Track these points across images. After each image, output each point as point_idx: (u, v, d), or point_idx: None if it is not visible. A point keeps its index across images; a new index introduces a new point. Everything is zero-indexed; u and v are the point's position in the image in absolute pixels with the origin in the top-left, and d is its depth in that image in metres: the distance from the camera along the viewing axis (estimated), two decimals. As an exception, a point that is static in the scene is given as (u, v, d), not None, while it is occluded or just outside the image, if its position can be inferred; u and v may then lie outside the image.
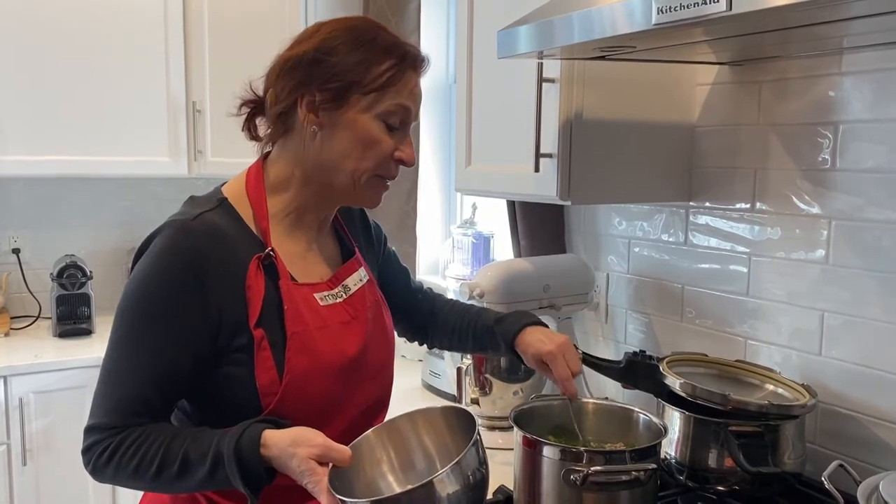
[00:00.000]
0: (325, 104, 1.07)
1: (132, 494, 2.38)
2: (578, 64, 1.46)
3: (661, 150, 1.62)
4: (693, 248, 1.69)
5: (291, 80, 1.07)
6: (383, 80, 1.07)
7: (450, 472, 0.94)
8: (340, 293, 1.17)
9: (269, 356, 1.04)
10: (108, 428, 1.00)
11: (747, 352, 1.57)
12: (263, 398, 1.04)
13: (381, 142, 1.09)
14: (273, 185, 1.13)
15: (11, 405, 2.29)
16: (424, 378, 2.11)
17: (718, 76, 1.60)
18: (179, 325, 1.01)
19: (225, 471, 0.96)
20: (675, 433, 1.32)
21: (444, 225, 3.05)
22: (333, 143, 1.09)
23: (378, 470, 1.08)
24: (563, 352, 1.26)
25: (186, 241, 1.02)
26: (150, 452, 0.99)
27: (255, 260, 1.06)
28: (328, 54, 1.06)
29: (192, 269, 1.01)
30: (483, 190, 1.78)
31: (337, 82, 1.06)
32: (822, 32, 1.15)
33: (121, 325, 1.03)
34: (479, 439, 1.00)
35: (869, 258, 1.35)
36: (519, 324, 1.32)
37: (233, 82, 1.17)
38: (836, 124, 1.38)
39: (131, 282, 1.03)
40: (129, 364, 1.01)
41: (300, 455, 0.94)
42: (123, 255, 2.98)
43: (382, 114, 1.08)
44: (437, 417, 1.12)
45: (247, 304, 1.04)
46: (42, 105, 2.52)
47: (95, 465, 1.01)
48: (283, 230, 1.13)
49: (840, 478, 1.15)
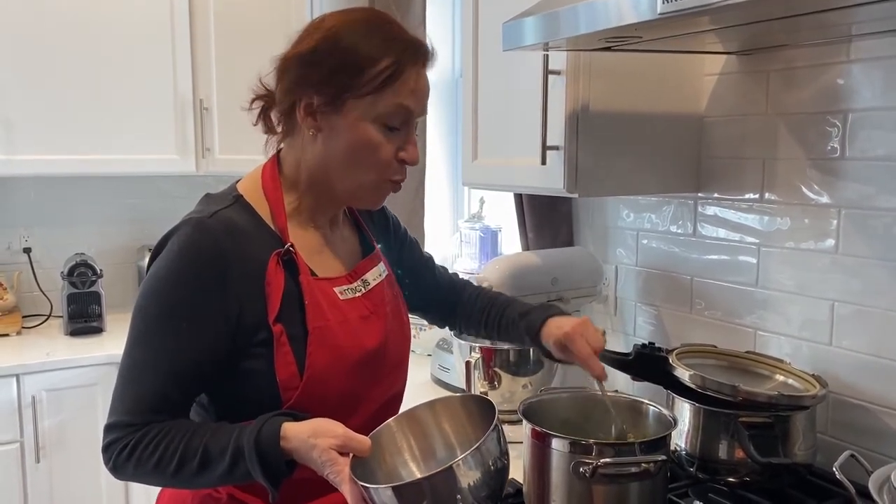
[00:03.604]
0: (322, 108, 1.05)
1: (145, 491, 2.40)
2: (584, 56, 1.45)
3: (668, 141, 1.61)
4: (702, 240, 1.68)
5: (289, 81, 1.06)
6: (379, 82, 1.04)
7: (470, 457, 0.94)
8: (360, 287, 1.17)
9: (289, 351, 1.04)
10: (128, 425, 1.01)
11: (757, 343, 1.56)
12: (284, 393, 1.04)
13: (380, 147, 1.07)
14: (287, 182, 1.13)
15: (24, 403, 2.31)
16: (434, 372, 2.12)
17: (726, 66, 1.58)
18: (199, 323, 1.01)
19: (245, 465, 0.96)
20: (684, 425, 1.32)
21: (452, 219, 3.05)
22: (333, 148, 1.07)
23: (399, 458, 1.08)
24: (581, 330, 1.24)
25: (204, 239, 1.02)
26: (170, 448, 0.99)
27: (275, 256, 1.05)
28: (324, 55, 1.04)
29: (210, 267, 1.01)
30: (490, 184, 1.78)
31: (332, 86, 1.04)
32: (830, 19, 1.14)
33: (139, 323, 1.03)
34: (500, 426, 1.00)
35: (879, 247, 1.34)
36: (541, 318, 1.31)
37: (240, 79, 1.17)
38: (845, 113, 1.37)
39: (148, 280, 1.03)
40: (148, 362, 1.02)
41: (321, 446, 0.95)
42: (133, 252, 2.99)
43: (381, 116, 1.05)
44: (456, 406, 1.12)
45: (266, 300, 1.04)
46: (51, 105, 2.53)
47: (116, 462, 1.01)
48: (300, 225, 1.13)
49: (851, 468, 1.14)
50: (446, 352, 2.04)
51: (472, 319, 1.43)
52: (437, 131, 2.95)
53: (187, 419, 1.06)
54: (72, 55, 2.55)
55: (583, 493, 1.12)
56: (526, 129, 1.55)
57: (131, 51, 2.63)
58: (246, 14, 2.78)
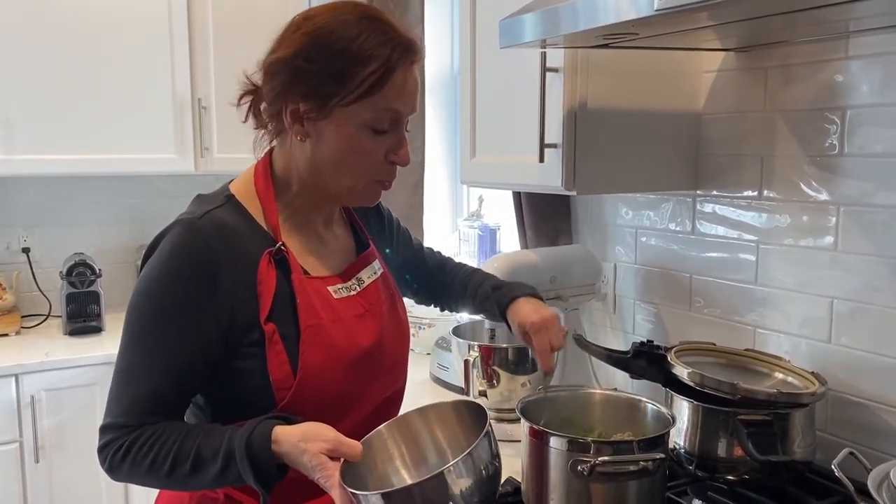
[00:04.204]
0: (309, 114, 1.04)
1: (144, 490, 2.40)
2: (582, 53, 1.45)
3: (666, 138, 1.61)
4: (701, 237, 1.68)
5: (275, 86, 1.04)
6: (366, 88, 1.01)
7: (461, 463, 0.93)
8: (354, 286, 1.17)
9: (282, 350, 1.04)
10: (123, 427, 1.01)
11: (756, 340, 1.56)
12: (277, 392, 1.04)
13: (370, 151, 1.06)
14: (279, 182, 1.12)
15: (23, 403, 2.31)
16: (433, 371, 2.11)
17: (724, 63, 1.58)
18: (191, 324, 1.01)
19: (237, 468, 0.96)
20: (683, 423, 1.32)
21: (451, 218, 3.05)
22: (322, 152, 1.07)
23: (390, 465, 1.08)
24: (547, 325, 1.27)
25: (195, 240, 1.02)
26: (163, 451, 0.99)
27: (266, 255, 1.05)
28: (307, 61, 1.01)
29: (202, 268, 1.01)
30: (488, 181, 1.77)
31: (318, 94, 1.02)
32: (828, 15, 1.13)
33: (132, 324, 1.03)
34: (491, 432, 1.00)
35: (878, 244, 1.34)
36: (513, 293, 1.34)
37: (238, 78, 1.16)
38: (843, 109, 1.37)
39: (141, 281, 1.03)
40: (141, 363, 1.01)
41: (311, 450, 0.94)
42: (132, 252, 2.99)
43: (369, 121, 1.04)
44: (448, 412, 1.11)
45: (258, 300, 1.04)
46: (49, 104, 2.53)
47: (111, 463, 1.01)
48: (293, 224, 1.13)
49: (850, 466, 1.14)
50: (445, 350, 2.03)
51: (453, 295, 1.47)
52: (436, 130, 2.95)
53: (182, 420, 1.06)
54: (70, 55, 2.55)
55: (581, 492, 1.12)
56: (524, 126, 1.55)
57: (130, 51, 2.63)
58: (244, 13, 2.77)
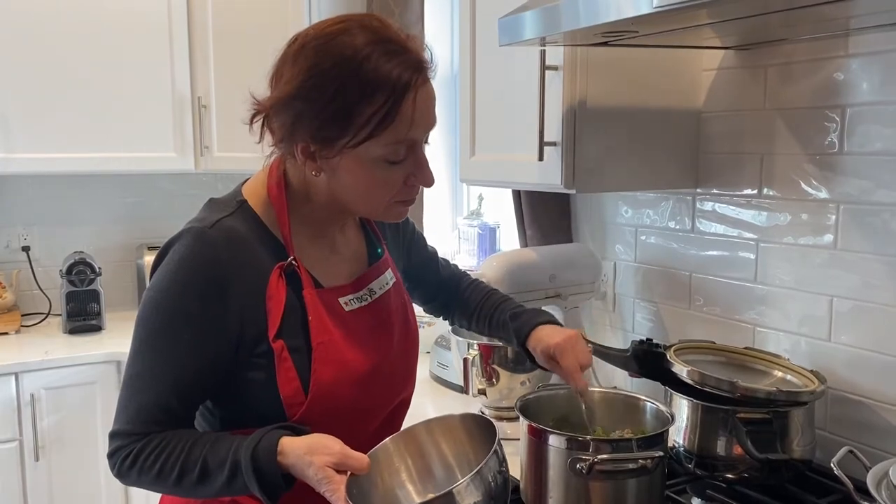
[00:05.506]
0: (320, 152, 1.00)
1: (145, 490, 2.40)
2: (581, 51, 1.45)
3: (666, 136, 1.61)
4: (700, 236, 1.68)
5: (282, 125, 1.00)
6: (373, 126, 0.96)
7: (470, 481, 0.92)
8: (366, 296, 1.15)
9: (291, 367, 1.02)
10: (131, 434, 1.00)
11: (756, 339, 1.56)
12: (288, 409, 1.03)
13: (387, 182, 1.03)
14: (294, 193, 1.09)
15: (23, 401, 2.31)
16: (432, 370, 2.11)
17: (724, 61, 1.58)
18: (198, 337, 1.00)
19: (243, 478, 0.95)
20: (682, 421, 1.32)
21: (451, 216, 3.05)
22: (338, 184, 1.04)
23: (396, 479, 1.07)
24: (571, 344, 1.22)
25: (205, 251, 1.00)
26: (170, 459, 0.99)
27: (277, 269, 1.03)
28: (307, 102, 0.96)
29: (211, 280, 1.00)
30: (488, 180, 1.77)
31: (324, 137, 0.98)
32: (827, 13, 1.13)
33: (141, 333, 1.02)
34: (501, 448, 0.99)
35: (878, 242, 1.33)
36: (531, 323, 1.29)
37: (238, 77, 1.16)
38: (843, 107, 1.37)
39: (150, 290, 1.02)
40: (150, 373, 1.01)
41: (317, 463, 0.93)
42: (132, 250, 2.99)
43: (382, 156, 1.00)
44: (455, 425, 1.10)
45: (267, 316, 1.02)
46: (49, 103, 2.53)
47: (120, 469, 1.02)
48: (306, 232, 1.10)
49: (850, 464, 1.14)
50: (445, 349, 2.03)
51: (466, 313, 1.44)
52: (437, 128, 2.94)
53: (190, 429, 1.05)
54: (70, 53, 2.54)
55: (580, 490, 1.12)
56: (523, 125, 1.54)
57: (130, 49, 2.62)
58: (244, 12, 2.77)
